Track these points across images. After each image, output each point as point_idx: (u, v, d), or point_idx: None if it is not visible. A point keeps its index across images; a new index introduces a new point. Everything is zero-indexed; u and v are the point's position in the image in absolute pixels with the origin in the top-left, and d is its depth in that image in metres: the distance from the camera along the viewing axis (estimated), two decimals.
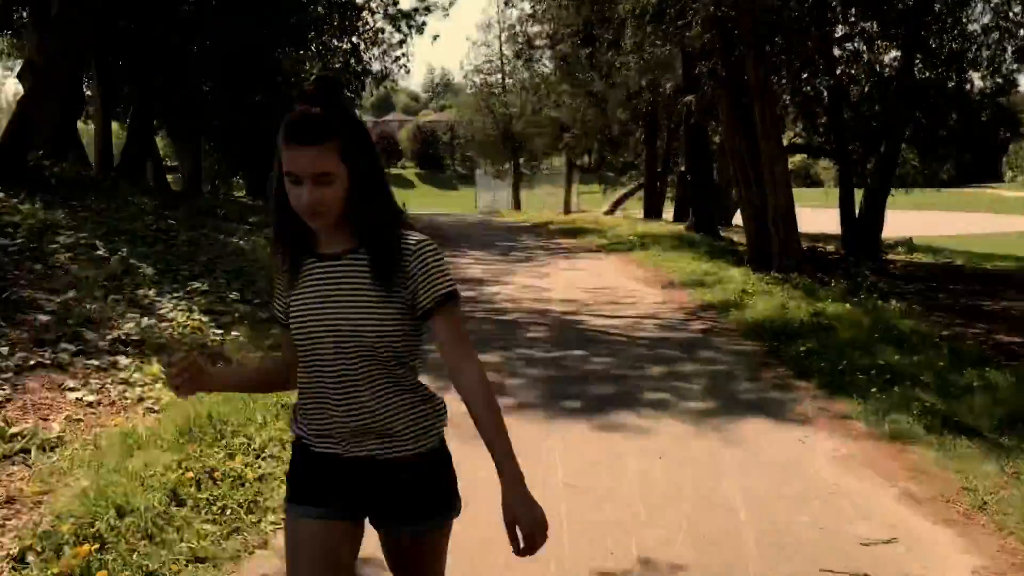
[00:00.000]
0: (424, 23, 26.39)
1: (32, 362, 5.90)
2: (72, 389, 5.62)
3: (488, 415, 1.94)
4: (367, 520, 2.08)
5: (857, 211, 16.27)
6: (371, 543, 2.13)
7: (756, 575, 3.42)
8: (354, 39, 25.28)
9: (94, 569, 3.26)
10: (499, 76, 46.23)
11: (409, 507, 2.02)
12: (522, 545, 1.87)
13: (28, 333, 6.47)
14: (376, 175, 1.94)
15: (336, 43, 25.02)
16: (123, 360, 6.29)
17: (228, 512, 3.94)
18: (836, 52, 16.19)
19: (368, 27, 25.58)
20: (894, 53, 16.46)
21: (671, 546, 3.69)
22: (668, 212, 27.36)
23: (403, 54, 26.99)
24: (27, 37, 18.17)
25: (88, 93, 19.34)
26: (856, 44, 16.43)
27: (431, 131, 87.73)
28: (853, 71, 16.43)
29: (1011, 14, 15.50)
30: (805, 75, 15.64)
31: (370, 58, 26.34)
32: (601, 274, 12.94)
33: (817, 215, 21.79)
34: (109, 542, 3.54)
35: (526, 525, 1.86)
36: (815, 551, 3.62)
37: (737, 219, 19.41)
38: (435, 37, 33.19)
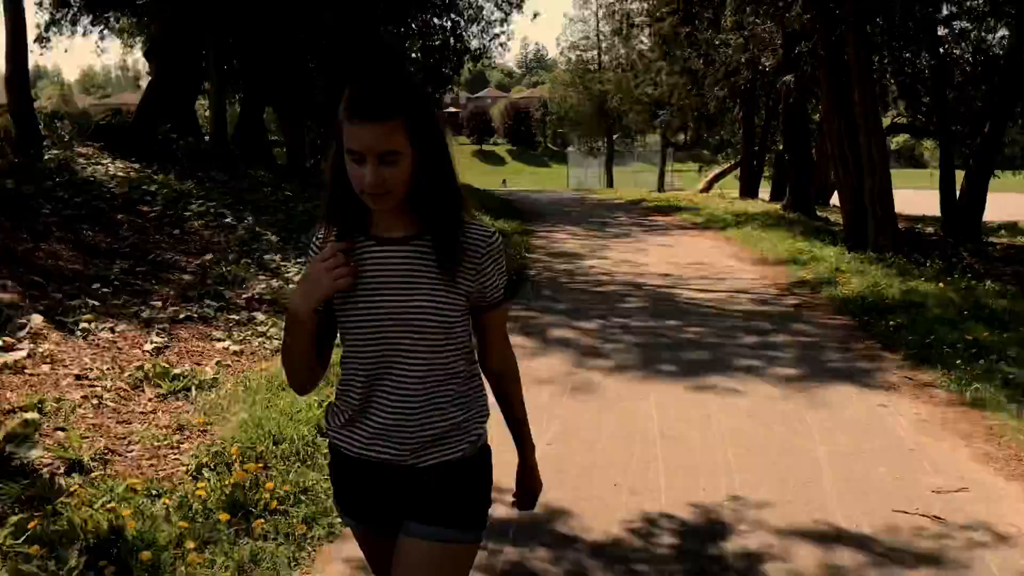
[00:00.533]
0: (523, 0, 26.75)
1: (182, 315, 6.65)
2: (219, 339, 6.33)
3: (522, 401, 2.07)
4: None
5: (958, 192, 16.09)
6: None
7: (833, 512, 3.83)
8: (453, 16, 25.80)
9: (261, 481, 3.88)
10: (595, 53, 46.41)
11: (436, 507, 1.88)
12: (526, 502, 2.15)
13: (175, 290, 7.24)
14: (444, 156, 1.82)
15: (436, 21, 25.61)
16: (259, 316, 7.00)
17: None
18: (940, 31, 15.97)
19: (469, 5, 26.04)
20: (1003, 32, 16.16)
21: (757, 487, 4.12)
22: (764, 191, 27.23)
23: (502, 32, 27.36)
24: (151, 17, 19.28)
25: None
26: (962, 23, 16.16)
27: (524, 107, 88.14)
28: (958, 51, 16.18)
29: None
30: (907, 55, 15.49)
31: (469, 36, 26.79)
32: (696, 250, 13.23)
33: (921, 197, 21.48)
34: (270, 463, 4.16)
35: (536, 490, 2.15)
36: (889, 496, 4.00)
37: (835, 199, 19.32)
38: (535, 15, 33.28)
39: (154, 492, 3.86)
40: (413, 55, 25.99)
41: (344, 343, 1.91)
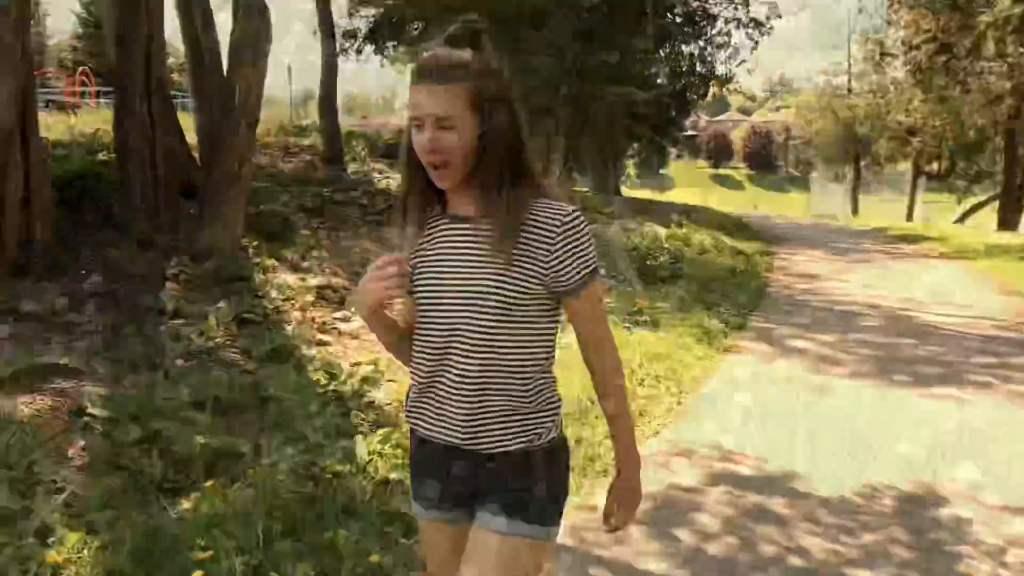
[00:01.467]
0: (772, 27, 26.96)
1: None
2: None
3: (615, 398, 1.92)
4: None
5: None
6: None
7: None
8: (701, 43, 26.45)
9: None
10: (844, 78, 45.23)
11: (499, 497, 1.85)
12: (614, 523, 1.97)
13: None
14: (509, 131, 1.78)
15: (684, 48, 26.41)
16: None
17: None
18: None
19: (718, 32, 26.55)
20: None
21: (976, 473, 4.68)
22: None
23: (749, 59, 27.67)
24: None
25: None
26: None
27: (766, 131, 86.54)
28: None
29: None
30: None
31: (715, 61, 27.26)
32: (940, 278, 13.19)
33: None
34: None
35: (626, 506, 1.96)
36: None
37: None
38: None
39: None
40: (660, 80, 26.93)
41: (416, 320, 1.89)
